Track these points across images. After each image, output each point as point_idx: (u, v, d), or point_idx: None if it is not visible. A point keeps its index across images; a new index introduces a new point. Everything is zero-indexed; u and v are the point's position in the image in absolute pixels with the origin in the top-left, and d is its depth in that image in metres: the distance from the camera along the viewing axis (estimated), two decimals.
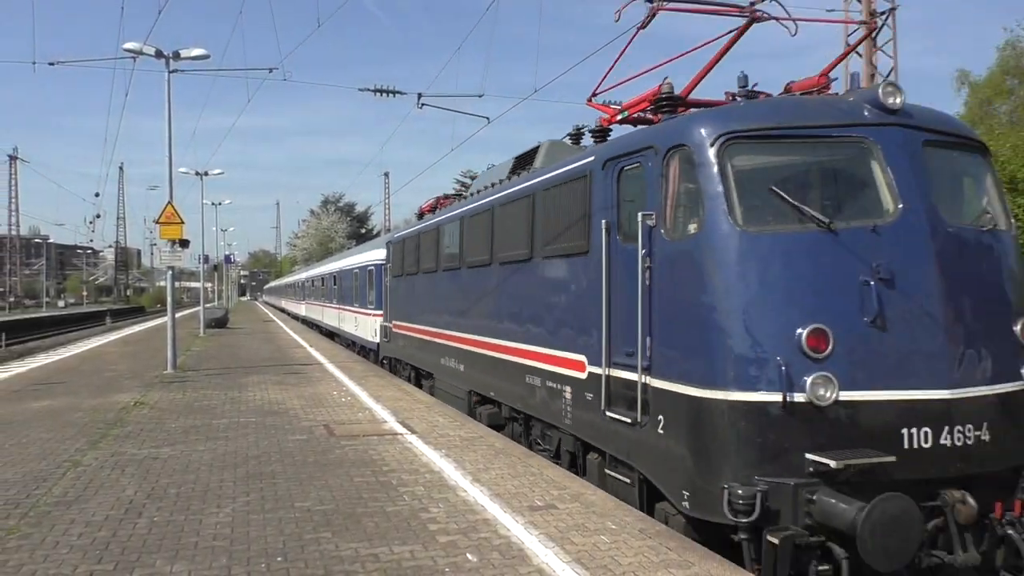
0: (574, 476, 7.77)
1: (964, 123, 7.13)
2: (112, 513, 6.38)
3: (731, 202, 5.61)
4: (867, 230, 5.52)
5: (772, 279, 5.48)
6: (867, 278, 5.40)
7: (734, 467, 5.36)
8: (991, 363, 5.57)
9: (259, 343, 26.84)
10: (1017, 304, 5.92)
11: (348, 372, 16.99)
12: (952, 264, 5.55)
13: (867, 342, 5.35)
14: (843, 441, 5.24)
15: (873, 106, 5.90)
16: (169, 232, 17.07)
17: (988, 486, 5.41)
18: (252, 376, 16.35)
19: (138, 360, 20.56)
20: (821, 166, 5.93)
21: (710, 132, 5.83)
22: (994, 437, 5.44)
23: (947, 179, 6.17)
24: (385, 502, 6.68)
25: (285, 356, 21.39)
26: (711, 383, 5.51)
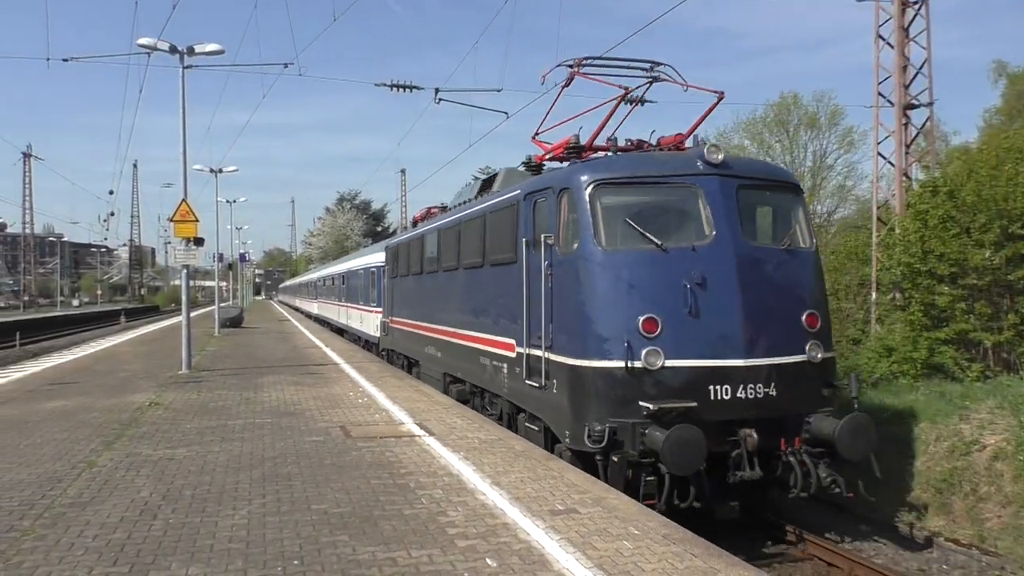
0: (595, 480, 7.74)
1: (781, 168, 9.95)
2: (127, 515, 6.43)
3: (597, 228, 8.22)
4: (689, 249, 8.08)
5: (622, 283, 8.06)
6: (687, 282, 7.92)
7: (594, 412, 7.93)
8: (780, 342, 8.08)
9: (274, 343, 26.99)
10: (806, 301, 8.44)
11: (364, 372, 17.05)
12: (749, 273, 8.06)
13: (685, 326, 7.89)
14: (668, 394, 7.76)
15: (702, 160, 8.43)
16: (184, 230, 17.20)
17: (777, 427, 8.03)
18: (267, 376, 16.44)
19: (153, 360, 20.74)
20: (661, 204, 8.50)
21: (586, 179, 8.50)
22: (779, 393, 7.94)
23: (754, 213, 8.75)
24: (403, 505, 6.68)
25: (301, 356, 21.49)
26: (582, 355, 8.11)
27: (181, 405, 12.42)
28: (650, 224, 8.36)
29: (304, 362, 19.65)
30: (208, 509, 6.58)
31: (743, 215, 8.56)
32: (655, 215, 8.55)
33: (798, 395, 8.23)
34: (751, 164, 9.59)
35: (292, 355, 21.85)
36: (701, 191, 8.42)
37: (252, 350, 23.86)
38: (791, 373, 8.19)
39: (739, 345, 7.95)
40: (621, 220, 8.39)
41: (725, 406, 7.95)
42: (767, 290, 8.32)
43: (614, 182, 8.57)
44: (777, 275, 8.50)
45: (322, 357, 21.13)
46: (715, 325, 8.02)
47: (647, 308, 8.02)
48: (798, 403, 8.25)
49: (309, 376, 16.41)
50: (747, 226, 8.62)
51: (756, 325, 8.09)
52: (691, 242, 8.28)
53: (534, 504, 6.75)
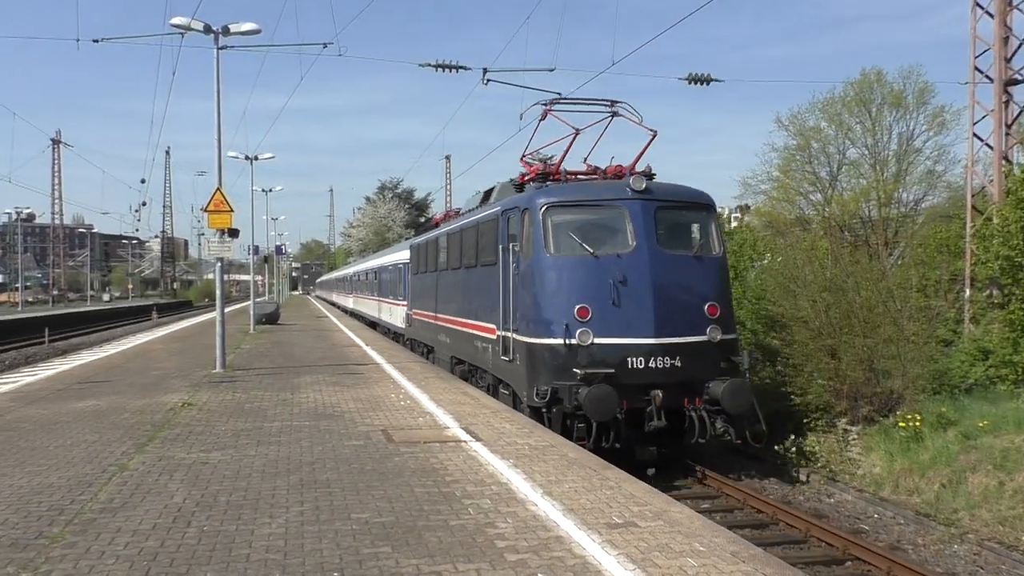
0: (656, 491, 7.71)
1: (696, 191, 12.97)
2: (160, 521, 6.59)
3: (547, 240, 11.76)
4: (615, 256, 11.55)
5: (564, 281, 11.57)
6: (612, 280, 11.37)
7: (542, 377, 11.39)
8: (684, 326, 11.40)
9: (312, 341, 27.37)
10: (709, 295, 11.77)
11: (407, 373, 17.19)
12: (661, 274, 11.47)
13: (610, 313, 11.27)
14: (596, 364, 11.14)
15: (630, 188, 11.98)
16: (218, 221, 17.53)
17: (682, 390, 11.43)
18: (305, 376, 16.68)
19: (185, 358, 21.20)
20: (597, 221, 11.95)
21: (541, 202, 12.03)
22: (683, 364, 11.30)
23: (673, 227, 12.22)
24: (448, 515, 6.72)
25: (340, 355, 21.76)
26: (535, 335, 11.57)
27: (215, 406, 12.68)
28: (587, 236, 11.96)
29: (343, 361, 19.90)
30: (244, 516, 6.71)
31: (660, 229, 12.01)
32: (591, 229, 12.08)
33: (699, 366, 11.65)
34: (670, 189, 12.92)
35: (331, 354, 22.13)
36: (627, 211, 11.98)
37: (289, 348, 24.23)
38: (693, 349, 11.67)
39: (650, 328, 11.50)
40: (566, 233, 12.03)
41: (639, 373, 11.44)
42: (675, 286, 11.78)
43: (562, 204, 12.25)
44: (685, 275, 11.93)
45: (362, 356, 21.36)
46: (632, 312, 11.53)
47: (581, 299, 11.62)
48: (699, 372, 11.66)
49: (349, 376, 16.61)
50: (663, 238, 12.06)
51: (664, 313, 11.59)
52: (617, 250, 11.82)
53: (589, 516, 6.73)
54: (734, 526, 9.90)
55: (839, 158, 31.48)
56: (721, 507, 11.65)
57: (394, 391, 14.33)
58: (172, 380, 16.19)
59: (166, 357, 21.68)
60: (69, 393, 14.45)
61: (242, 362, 19.79)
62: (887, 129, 30.53)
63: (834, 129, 31.20)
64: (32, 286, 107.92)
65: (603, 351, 11.50)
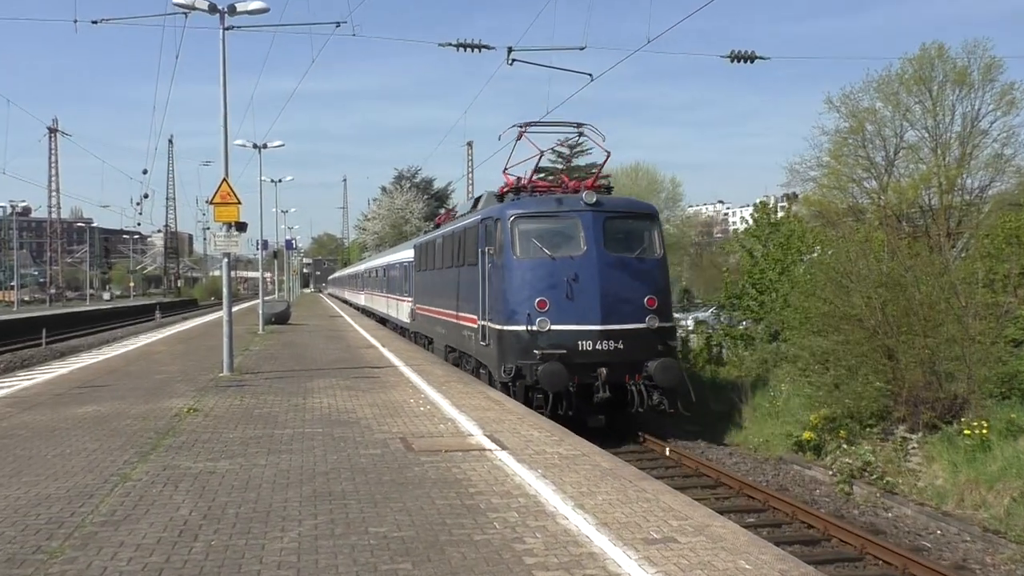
0: (697, 504, 7.69)
1: (641, 202, 17.25)
2: (165, 535, 6.66)
3: (514, 245, 15.03)
4: (569, 258, 14.81)
5: (527, 279, 14.87)
6: (567, 278, 14.59)
7: (509, 357, 14.62)
8: (626, 315, 14.63)
9: (325, 342, 27.53)
10: (648, 290, 15.09)
11: (427, 377, 17.25)
12: (607, 272, 14.75)
13: (564, 305, 14.54)
14: (552, 346, 14.35)
15: (583, 201, 15.35)
16: (224, 214, 17.68)
17: (624, 369, 14.73)
18: (318, 380, 16.79)
19: (190, 360, 21.41)
20: (555, 229, 15.25)
21: (510, 213, 15.40)
22: (625, 347, 14.55)
23: (619, 234, 15.48)
24: (473, 529, 6.74)
25: (355, 357, 21.88)
26: (503, 323, 14.75)
27: (223, 412, 12.79)
28: (547, 242, 15.50)
29: (359, 364, 20.00)
30: (254, 530, 6.76)
31: (607, 235, 15.53)
32: (550, 236, 15.63)
33: (638, 348, 15.06)
34: (618, 201, 16.78)
35: (345, 356, 22.25)
36: (580, 221, 15.49)
37: (301, 350, 24.39)
38: (633, 335, 15.07)
39: (597, 316, 14.92)
40: (530, 239, 15.54)
41: (588, 354, 14.91)
42: (619, 283, 15.23)
43: (527, 215, 15.83)
44: (628, 273, 15.36)
45: (378, 358, 21.46)
46: (583, 304, 14.99)
47: (540, 294, 15.10)
48: (638, 353, 15.08)
49: (365, 380, 16.70)
50: (610, 243, 15.51)
51: (609, 304, 15.03)
52: (571, 253, 15.33)
53: (625, 531, 6.72)
54: (782, 542, 9.84)
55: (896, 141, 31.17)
56: (768, 521, 11.61)
57: (413, 396, 14.40)
58: (176, 384, 16.36)
59: (170, 360, 21.91)
60: (68, 398, 14.65)
61: (251, 365, 19.96)
62: (949, 109, 30.13)
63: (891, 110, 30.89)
64: (28, 284, 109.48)
65: (558, 336, 15.15)
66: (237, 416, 12.38)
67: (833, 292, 16.24)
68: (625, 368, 15.13)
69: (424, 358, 21.49)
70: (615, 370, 15.08)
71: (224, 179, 17.86)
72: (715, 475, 13.79)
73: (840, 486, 13.43)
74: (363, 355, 22.48)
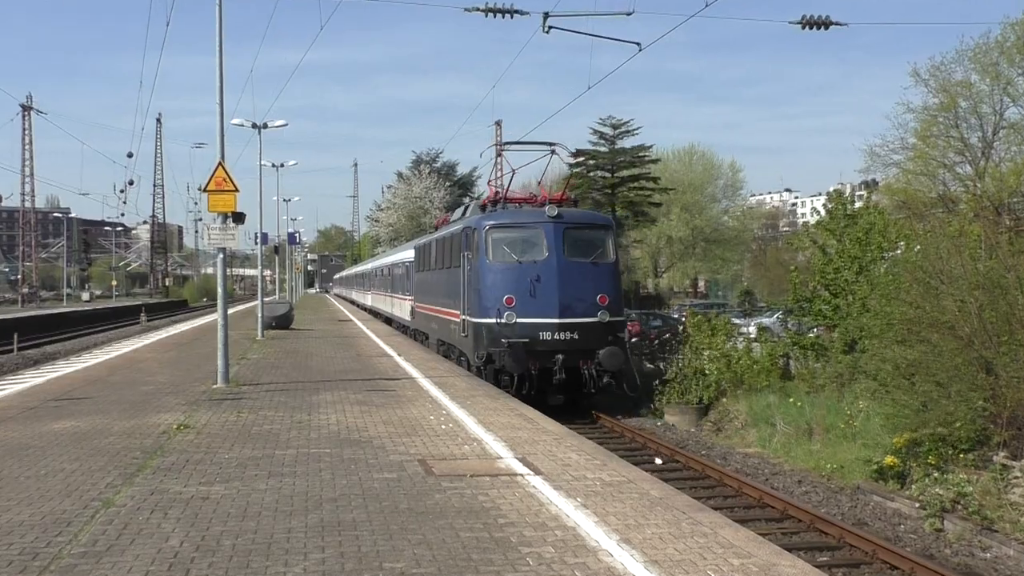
0: (760, 539, 7.67)
1: (597, 215, 27.02)
2: (152, 569, 6.72)
3: (488, 251, 21.78)
4: (533, 262, 21.43)
5: (498, 279, 21.59)
6: (530, 279, 21.18)
7: (482, 345, 21.31)
8: (580, 310, 21.17)
9: (333, 349, 27.68)
10: (600, 289, 21.43)
11: (449, 390, 17.30)
12: (565, 275, 21.28)
13: (528, 301, 21.07)
14: (519, 336, 20.88)
15: (547, 214, 21.95)
16: (219, 203, 17.82)
17: (579, 355, 21.11)
18: (325, 393, 16.89)
19: (181, 370, 21.61)
20: (523, 237, 21.99)
21: (485, 224, 22.20)
22: (580, 337, 21.02)
23: (577, 242, 21.93)
24: (503, 566, 6.74)
25: (367, 367, 21.98)
26: (478, 316, 21.61)
27: (217, 429, 12.90)
28: (515, 249, 21.04)
29: (372, 375, 20.10)
30: (253, 565, 6.81)
31: (566, 243, 21.17)
32: (518, 244, 21.20)
33: (591, 338, 20.46)
34: (577, 214, 23.21)
35: (356, 366, 22.37)
36: (543, 231, 21.11)
37: (305, 359, 24.54)
38: (587, 327, 20.53)
39: (555, 311, 20.35)
40: (501, 246, 21.07)
41: (548, 343, 20.28)
42: (575, 283, 20.70)
43: (499, 226, 21.50)
44: (583, 275, 20.91)
45: (394, 369, 21.55)
46: (544, 300, 20.32)
47: (508, 292, 20.44)
48: (591, 343, 20.51)
49: (378, 393, 16.78)
50: (568, 250, 21.18)
51: (566, 301, 20.50)
52: (535, 258, 20.82)
53: (678, 570, 6.70)
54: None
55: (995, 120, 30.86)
56: (843, 560, 11.53)
57: (433, 411, 14.44)
58: (165, 397, 16.52)
59: (158, 369, 22.12)
60: (43, 412, 14.82)
61: (249, 375, 20.11)
62: None
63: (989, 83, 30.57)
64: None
65: (523, 327, 20.89)
66: (234, 434, 12.47)
67: (920, 295, 16.09)
68: (579, 355, 21.10)
69: (446, 369, 21.58)
70: (570, 356, 21.02)
71: (219, 163, 17.98)
72: (781, 506, 13.71)
73: (929, 521, 13.29)
74: (376, 365, 22.58)
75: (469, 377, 20.04)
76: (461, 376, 20.00)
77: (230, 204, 17.86)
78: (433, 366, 22.19)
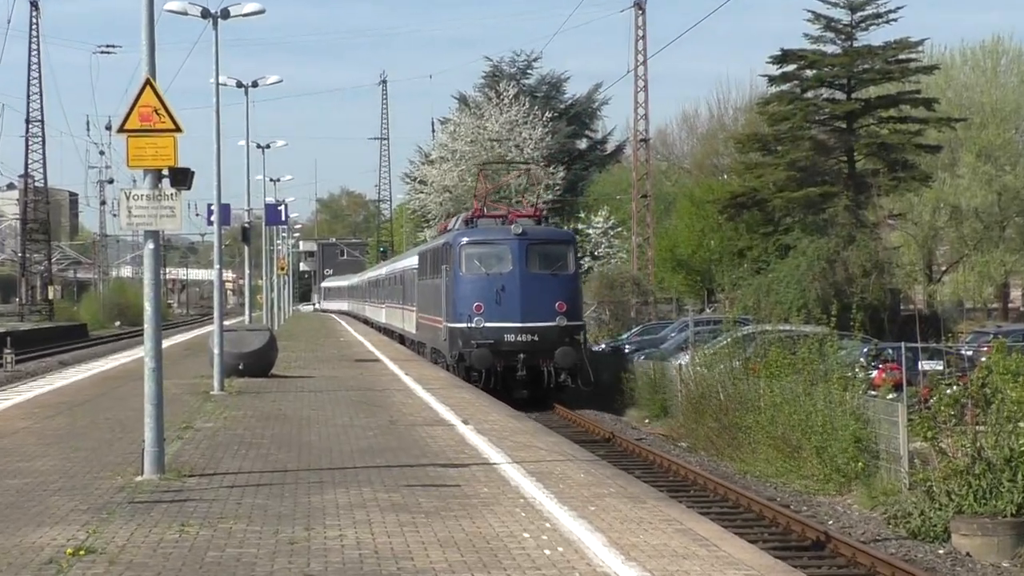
0: None
1: (559, 231, 69.39)
2: None
3: (461, 264, 55.02)
4: (500, 273, 54.19)
5: (469, 289, 54.89)
6: (496, 289, 53.05)
7: (456, 346, 54.38)
8: (541, 316, 52.64)
9: (348, 411, 28.00)
10: (559, 298, 53.25)
11: (554, 484, 17.28)
12: (527, 285, 53.48)
13: (494, 308, 52.99)
14: (486, 338, 52.22)
15: (513, 231, 54.88)
16: (148, 153, 17.89)
17: (539, 355, 51.90)
18: (336, 491, 17.00)
19: (79, 449, 21.86)
20: (491, 252, 55.86)
21: (461, 240, 56.03)
22: (539, 339, 52.12)
23: (539, 256, 55.53)
24: None
25: (407, 442, 22.16)
26: (452, 321, 54.96)
27: (144, 557, 12.96)
28: (485, 262, 53.16)
29: (415, 458, 20.13)
30: None
31: (529, 257, 52.12)
32: (488, 258, 53.48)
33: (550, 340, 50.08)
34: (541, 231, 56.78)
35: (389, 442, 22.50)
36: (508, 247, 52.41)
37: (298, 429, 24.79)
38: (546, 330, 50.39)
39: (518, 316, 50.69)
40: (474, 260, 53.02)
41: (511, 344, 50.37)
42: (536, 292, 51.20)
43: (473, 242, 53.78)
44: (544, 286, 51.86)
45: (456, 447, 21.60)
46: (508, 307, 51.01)
47: (478, 300, 51.03)
48: (550, 344, 49.87)
49: (429, 491, 16.86)
50: (531, 263, 51.94)
51: (528, 308, 50.84)
52: (501, 271, 52.10)
53: None
54: None
55: None
56: None
57: (528, 522, 14.57)
58: (53, 497, 16.68)
59: (38, 448, 22.37)
60: None
61: (199, 459, 20.25)
62: None
63: None
64: None
65: (490, 331, 48.23)
66: (174, 567, 12.55)
67: None
68: (539, 355, 46.54)
69: (550, 447, 21.52)
70: (531, 356, 46.63)
71: (147, 81, 18.07)
72: None
73: None
74: (422, 438, 22.75)
75: (593, 464, 19.99)
76: (572, 460, 19.95)
77: (167, 155, 17.93)
78: (526, 442, 22.13)
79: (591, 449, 28.72)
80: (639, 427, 46.60)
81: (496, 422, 25.49)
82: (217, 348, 35.18)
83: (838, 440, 26.79)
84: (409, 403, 30.04)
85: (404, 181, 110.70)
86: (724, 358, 39.95)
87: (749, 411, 32.93)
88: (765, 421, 31.11)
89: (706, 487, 28.04)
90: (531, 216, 55.66)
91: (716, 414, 36.53)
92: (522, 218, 57.54)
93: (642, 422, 47.19)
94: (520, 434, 23.37)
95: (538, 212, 57.53)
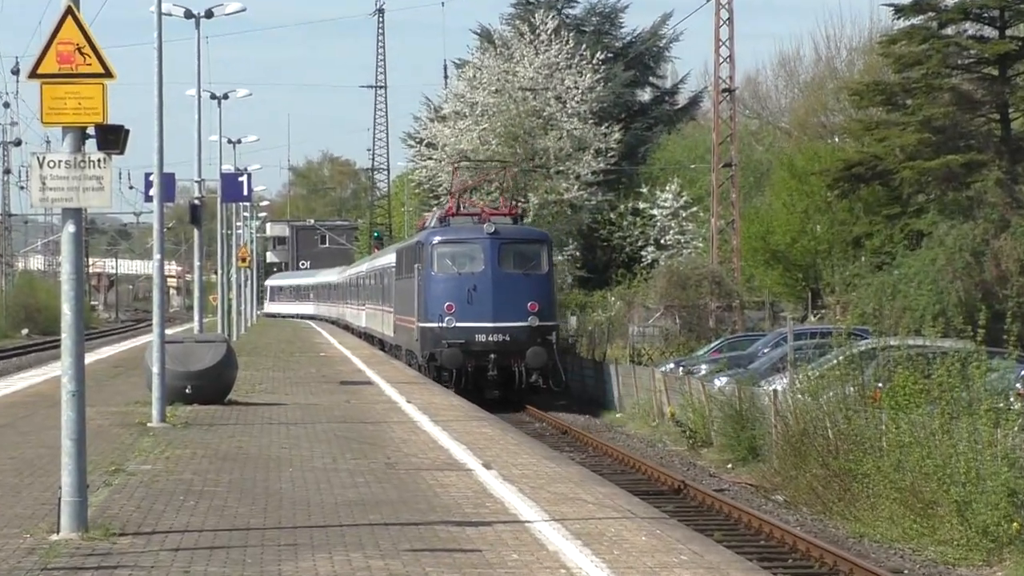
0: None
1: (533, 230, 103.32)
2: None
3: (433, 263, 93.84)
4: (472, 273, 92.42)
5: (441, 289, 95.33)
6: (469, 288, 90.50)
7: (427, 345, 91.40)
8: (512, 316, 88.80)
9: (329, 450, 28.12)
10: (532, 297, 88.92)
11: (600, 548, 17.28)
12: (499, 284, 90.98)
13: (466, 307, 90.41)
14: (458, 337, 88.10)
15: (485, 231, 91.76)
16: (68, 105, 18.10)
17: (510, 355, 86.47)
18: (311, 557, 17.00)
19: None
20: (464, 251, 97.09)
21: (433, 239, 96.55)
22: (511, 339, 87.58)
23: (511, 255, 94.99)
24: None
25: (410, 493, 22.23)
26: (424, 321, 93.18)
27: None
28: (457, 261, 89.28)
29: (421, 513, 20.20)
30: None
31: (501, 257, 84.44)
32: (460, 257, 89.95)
33: (521, 340, 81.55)
34: (514, 230, 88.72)
35: (384, 492, 22.57)
36: (481, 246, 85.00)
37: (263, 473, 24.91)
38: (517, 330, 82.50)
39: (490, 316, 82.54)
40: (446, 259, 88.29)
41: (483, 344, 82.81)
42: (508, 292, 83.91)
43: (445, 241, 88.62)
44: (516, 285, 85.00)
45: (475, 497, 21.70)
46: (480, 307, 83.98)
47: (449, 299, 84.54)
48: (521, 344, 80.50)
49: (436, 559, 16.89)
50: (503, 262, 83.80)
51: (499, 307, 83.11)
52: (473, 270, 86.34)
53: None
54: None
55: None
56: None
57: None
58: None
59: None
60: None
61: (133, 511, 20.34)
62: None
63: None
64: None
65: (462, 330, 74.85)
66: None
67: None
68: (510, 355, 70.16)
69: (595, 498, 21.62)
70: (502, 356, 70.36)
71: (68, 9, 18.22)
72: None
73: None
74: (433, 488, 22.84)
75: (660, 521, 20.04)
76: (636, 516, 20.01)
77: (93, 108, 18.10)
78: (568, 492, 22.23)
79: (655, 503, 27.93)
80: (718, 474, 44.10)
81: (527, 466, 25.55)
82: (157, 365, 35.12)
83: (986, 493, 25.84)
84: (412, 439, 30.12)
85: (406, 144, 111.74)
86: (834, 383, 35.48)
87: (867, 454, 31.03)
88: (889, 467, 29.85)
89: (809, 554, 27.17)
90: (506, 215, 72.91)
91: (823, 457, 33.10)
92: (497, 216, 75.10)
93: (723, 467, 44.69)
94: (560, 482, 23.45)
95: (513, 211, 75.99)
